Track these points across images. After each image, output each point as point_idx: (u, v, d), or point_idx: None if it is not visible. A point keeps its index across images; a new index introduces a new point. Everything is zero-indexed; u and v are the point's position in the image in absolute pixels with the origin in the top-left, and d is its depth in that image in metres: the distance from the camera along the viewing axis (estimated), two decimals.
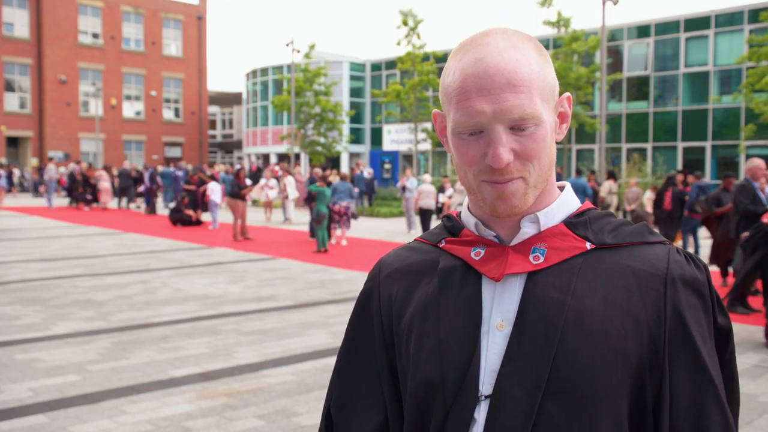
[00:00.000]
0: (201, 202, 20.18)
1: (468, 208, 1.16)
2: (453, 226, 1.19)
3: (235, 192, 16.44)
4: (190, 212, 19.87)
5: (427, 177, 18.14)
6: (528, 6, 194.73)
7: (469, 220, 1.16)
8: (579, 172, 21.41)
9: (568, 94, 1.12)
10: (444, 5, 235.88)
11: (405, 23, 29.23)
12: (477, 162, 1.05)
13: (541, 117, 1.03)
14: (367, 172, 27.67)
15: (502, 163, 1.01)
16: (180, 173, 25.51)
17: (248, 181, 22.06)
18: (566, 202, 1.13)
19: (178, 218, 19.72)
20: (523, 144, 1.03)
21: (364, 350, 1.21)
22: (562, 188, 1.16)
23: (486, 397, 1.03)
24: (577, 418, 1.00)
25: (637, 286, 1.04)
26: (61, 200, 29.71)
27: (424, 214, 17.34)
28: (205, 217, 21.16)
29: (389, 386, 1.17)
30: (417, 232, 18.10)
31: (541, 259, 1.07)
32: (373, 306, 1.21)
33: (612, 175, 18.89)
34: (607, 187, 18.43)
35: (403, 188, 18.85)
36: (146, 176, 24.57)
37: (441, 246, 1.18)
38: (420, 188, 17.54)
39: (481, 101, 1.02)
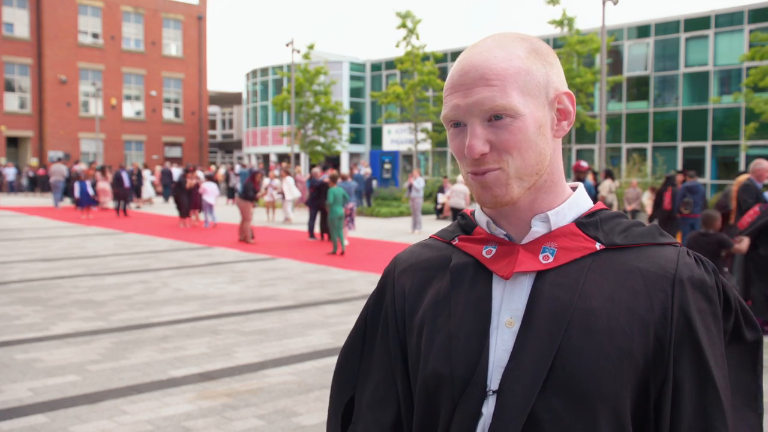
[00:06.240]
0: (194, 202, 20.00)
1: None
2: (467, 224, 1.21)
3: (249, 194, 16.31)
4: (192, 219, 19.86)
5: (460, 177, 18.35)
6: (525, 6, 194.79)
7: (481, 218, 1.18)
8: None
9: (568, 90, 1.12)
10: (443, 5, 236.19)
11: (404, 25, 29.21)
12: (462, 155, 1.10)
13: (516, 109, 1.05)
14: (364, 171, 27.66)
15: (475, 153, 1.05)
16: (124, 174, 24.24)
17: (267, 181, 21.90)
18: (577, 202, 1.15)
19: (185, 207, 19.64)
20: (498, 135, 1.06)
21: (377, 344, 1.23)
22: (575, 189, 1.17)
23: (494, 392, 1.05)
24: (581, 415, 1.01)
25: (645, 287, 1.05)
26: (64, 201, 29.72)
27: (455, 213, 17.64)
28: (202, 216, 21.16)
29: (402, 379, 1.19)
30: (422, 231, 18.11)
31: (551, 259, 1.09)
32: (387, 300, 1.24)
33: (609, 174, 18.90)
34: (606, 186, 18.46)
35: (410, 187, 18.87)
36: (125, 177, 23.67)
37: (454, 243, 1.21)
38: (452, 188, 17.85)
39: (458, 96, 1.07)
